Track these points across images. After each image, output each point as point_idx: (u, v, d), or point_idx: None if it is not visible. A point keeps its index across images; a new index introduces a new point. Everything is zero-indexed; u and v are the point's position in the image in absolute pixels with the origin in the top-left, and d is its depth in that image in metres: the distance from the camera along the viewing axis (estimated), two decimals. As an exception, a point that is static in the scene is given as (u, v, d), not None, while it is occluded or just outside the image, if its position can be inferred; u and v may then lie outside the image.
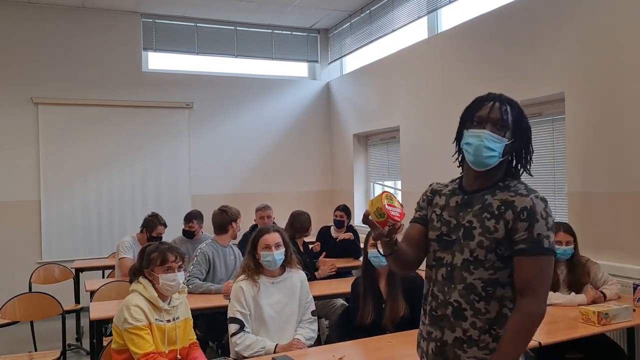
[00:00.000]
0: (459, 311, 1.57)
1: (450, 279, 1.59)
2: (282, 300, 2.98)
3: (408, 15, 5.97)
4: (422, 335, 1.71)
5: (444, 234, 1.62)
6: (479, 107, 1.59)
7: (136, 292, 2.59)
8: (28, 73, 6.27)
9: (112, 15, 6.64)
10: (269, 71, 7.63)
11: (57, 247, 6.34)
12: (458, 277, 1.57)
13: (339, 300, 4.36)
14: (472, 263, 1.55)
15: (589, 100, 3.88)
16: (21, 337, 4.61)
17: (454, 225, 1.60)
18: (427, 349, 1.66)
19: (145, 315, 2.52)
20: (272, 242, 2.96)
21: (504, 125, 1.57)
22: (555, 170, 4.36)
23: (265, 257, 2.94)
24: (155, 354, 2.47)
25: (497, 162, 1.58)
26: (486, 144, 1.54)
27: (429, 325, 1.65)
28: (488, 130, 1.55)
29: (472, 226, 1.56)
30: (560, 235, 3.41)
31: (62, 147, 6.38)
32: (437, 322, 1.62)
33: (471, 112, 1.60)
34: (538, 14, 4.28)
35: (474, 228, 1.56)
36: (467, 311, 1.55)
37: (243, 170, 7.27)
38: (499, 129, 1.56)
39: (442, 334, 1.60)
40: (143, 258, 2.68)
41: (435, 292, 1.63)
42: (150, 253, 2.67)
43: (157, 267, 2.62)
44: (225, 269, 4.04)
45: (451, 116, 5.37)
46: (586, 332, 2.81)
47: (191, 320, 2.80)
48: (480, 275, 1.53)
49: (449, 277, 1.60)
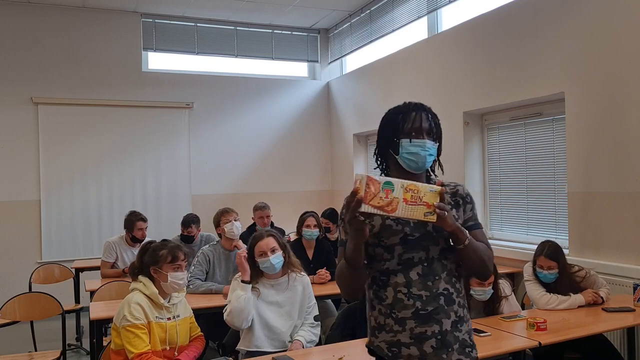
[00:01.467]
0: (449, 297, 1.67)
1: (430, 273, 1.66)
2: (280, 302, 2.98)
3: (408, 15, 5.97)
4: (402, 343, 1.66)
5: (407, 235, 1.67)
6: (406, 118, 1.71)
7: (137, 290, 2.59)
8: (28, 73, 6.27)
9: (112, 15, 6.65)
10: (269, 71, 7.63)
11: (57, 247, 6.34)
12: (439, 268, 1.67)
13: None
14: (447, 251, 1.69)
15: (589, 100, 3.88)
16: (21, 337, 4.61)
17: (415, 224, 1.68)
18: (422, 350, 1.65)
19: (145, 313, 2.52)
20: (267, 248, 2.96)
21: (434, 132, 1.74)
22: (555, 170, 4.36)
23: (263, 263, 2.95)
24: (149, 354, 2.46)
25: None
26: (429, 151, 1.70)
27: (418, 326, 1.64)
28: (428, 139, 1.71)
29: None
30: (541, 259, 3.31)
31: (62, 147, 6.38)
32: (430, 319, 1.64)
33: (401, 124, 1.71)
34: (538, 14, 4.28)
35: None
36: (453, 294, 1.68)
37: (243, 170, 7.27)
38: (432, 136, 1.73)
39: (441, 325, 1.65)
40: (146, 255, 2.67)
41: (414, 292, 1.65)
42: (158, 250, 2.66)
43: (167, 265, 2.62)
44: (226, 272, 3.97)
45: (451, 116, 5.39)
46: (584, 333, 2.81)
47: (192, 317, 2.80)
48: (454, 259, 1.70)
49: (428, 272, 1.66)
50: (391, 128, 1.73)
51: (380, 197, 1.48)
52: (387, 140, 1.74)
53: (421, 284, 1.65)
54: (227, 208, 4.23)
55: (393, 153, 1.72)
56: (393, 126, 1.72)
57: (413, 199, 1.50)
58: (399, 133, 1.70)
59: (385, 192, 1.49)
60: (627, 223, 3.63)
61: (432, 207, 1.51)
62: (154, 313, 2.57)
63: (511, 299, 3.30)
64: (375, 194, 1.48)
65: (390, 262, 1.68)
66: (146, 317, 2.53)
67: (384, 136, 1.76)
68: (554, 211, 4.41)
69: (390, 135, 1.73)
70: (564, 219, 4.18)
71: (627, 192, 3.63)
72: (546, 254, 3.29)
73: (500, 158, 4.99)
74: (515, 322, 2.93)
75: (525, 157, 4.69)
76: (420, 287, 1.65)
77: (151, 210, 6.57)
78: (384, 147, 1.76)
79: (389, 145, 1.74)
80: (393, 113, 1.75)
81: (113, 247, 4.74)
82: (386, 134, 1.75)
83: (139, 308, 2.51)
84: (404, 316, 1.65)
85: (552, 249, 3.30)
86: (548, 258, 3.28)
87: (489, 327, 2.83)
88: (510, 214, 4.85)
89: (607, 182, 3.77)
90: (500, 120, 4.97)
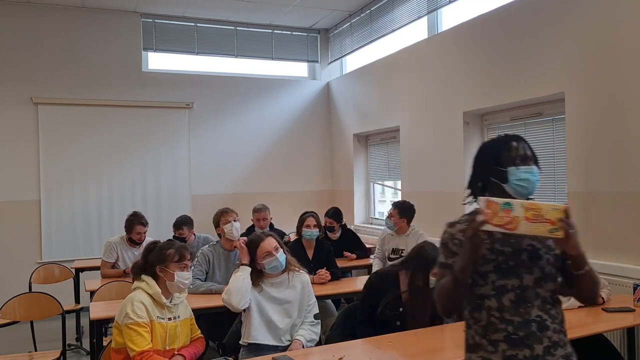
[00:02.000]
0: (542, 323, 1.71)
1: (523, 300, 1.72)
2: (280, 299, 2.99)
3: (408, 15, 5.97)
4: None
5: (501, 263, 1.74)
6: (509, 147, 1.78)
7: (139, 289, 2.59)
8: (28, 73, 6.27)
9: (112, 15, 6.65)
10: (269, 71, 7.63)
11: (57, 247, 6.34)
12: (532, 296, 1.72)
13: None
14: (543, 279, 1.73)
15: (589, 100, 3.88)
16: (21, 337, 4.61)
17: (509, 253, 1.74)
18: None
19: (147, 312, 2.52)
20: (271, 247, 2.98)
21: (536, 158, 1.82)
22: (556, 170, 4.36)
23: (270, 263, 2.96)
24: (151, 352, 2.46)
25: None
26: (536, 177, 1.78)
27: (509, 349, 1.72)
28: (534, 165, 1.78)
29: (536, 247, 1.75)
30: None
31: (62, 147, 6.38)
32: (521, 343, 1.70)
33: (507, 153, 1.77)
34: (538, 14, 4.28)
35: (539, 249, 1.75)
36: (547, 321, 1.72)
37: (243, 170, 7.27)
38: (536, 163, 1.81)
39: (532, 350, 1.70)
40: (152, 254, 2.67)
41: (507, 317, 1.72)
42: (165, 249, 2.67)
43: (174, 264, 2.63)
44: (226, 273, 3.94)
45: (451, 116, 5.39)
46: (584, 333, 2.81)
47: (192, 319, 2.81)
48: (549, 287, 1.74)
49: (520, 299, 1.72)
50: (494, 158, 1.79)
51: (500, 216, 1.58)
52: (489, 170, 1.79)
53: (513, 310, 1.71)
54: (227, 208, 4.21)
55: (499, 182, 1.77)
56: (496, 156, 1.79)
57: (535, 217, 1.57)
58: (505, 162, 1.76)
59: (505, 212, 1.58)
60: (627, 223, 3.63)
61: (559, 223, 1.55)
62: (156, 312, 2.57)
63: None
64: (495, 213, 1.58)
65: (484, 288, 1.75)
66: (148, 316, 2.53)
67: (486, 166, 1.81)
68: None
69: (495, 165, 1.78)
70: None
71: (627, 192, 3.63)
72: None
73: (500, 158, 4.98)
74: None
75: (525, 157, 4.67)
76: (512, 313, 1.71)
77: (151, 211, 6.57)
78: (484, 177, 1.81)
79: (492, 174, 1.78)
80: (493, 144, 1.84)
81: (114, 248, 4.74)
82: (488, 164, 1.80)
83: (142, 307, 2.51)
84: (497, 339, 1.73)
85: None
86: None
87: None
88: (510, 214, 4.85)
89: (607, 182, 3.77)
90: (500, 120, 4.97)
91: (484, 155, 1.84)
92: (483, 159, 1.84)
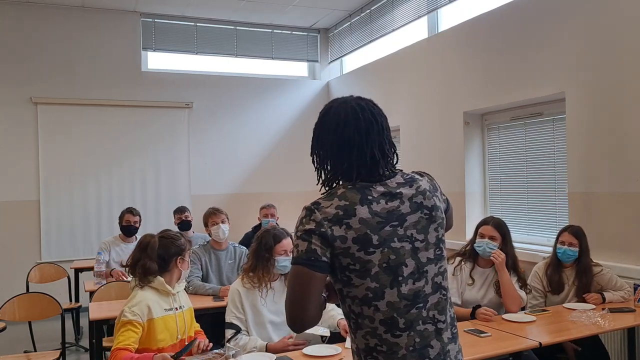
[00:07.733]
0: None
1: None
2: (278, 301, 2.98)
3: (408, 15, 5.97)
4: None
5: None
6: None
7: (147, 287, 2.54)
8: (28, 73, 6.26)
9: (112, 15, 6.64)
10: (269, 71, 7.63)
11: (57, 247, 6.34)
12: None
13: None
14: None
15: (589, 100, 3.88)
16: (20, 337, 4.60)
17: None
18: None
19: (151, 311, 2.48)
20: (289, 248, 2.93)
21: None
22: (556, 170, 4.36)
23: (282, 262, 2.92)
24: (126, 351, 2.37)
25: None
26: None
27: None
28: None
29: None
30: (564, 235, 3.42)
31: (62, 147, 6.38)
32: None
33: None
34: (538, 14, 4.28)
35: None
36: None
37: (243, 170, 7.27)
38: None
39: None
40: (165, 249, 2.58)
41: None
42: (176, 240, 2.63)
43: (187, 252, 2.66)
44: (218, 272, 3.96)
45: (451, 116, 5.37)
46: (584, 333, 2.81)
47: (192, 309, 2.81)
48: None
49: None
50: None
51: None
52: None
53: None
54: (216, 210, 4.08)
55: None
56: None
57: None
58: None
59: None
60: (627, 223, 3.63)
61: None
62: (163, 305, 2.54)
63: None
64: None
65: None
66: (152, 314, 2.50)
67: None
68: (554, 211, 4.41)
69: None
70: (564, 219, 4.17)
71: (627, 192, 3.63)
72: (571, 231, 3.43)
73: (500, 158, 4.99)
74: (518, 323, 2.93)
75: (526, 157, 4.68)
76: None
77: (150, 210, 6.58)
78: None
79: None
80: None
81: (103, 246, 4.76)
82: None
83: (144, 308, 2.48)
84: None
85: (577, 228, 3.46)
86: (572, 235, 3.40)
87: (489, 328, 2.83)
88: (511, 214, 4.85)
89: (607, 182, 3.76)
90: (500, 120, 4.96)
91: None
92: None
